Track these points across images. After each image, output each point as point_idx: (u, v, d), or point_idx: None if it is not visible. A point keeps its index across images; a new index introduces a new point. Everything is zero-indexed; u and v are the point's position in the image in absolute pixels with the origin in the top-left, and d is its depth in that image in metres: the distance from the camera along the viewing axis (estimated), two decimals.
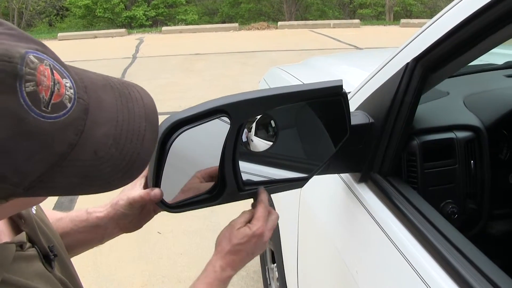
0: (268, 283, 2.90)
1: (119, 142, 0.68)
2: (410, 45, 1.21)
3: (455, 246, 0.99)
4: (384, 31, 16.71)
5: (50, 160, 0.62)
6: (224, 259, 1.03)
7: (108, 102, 0.70)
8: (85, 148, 0.65)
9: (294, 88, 1.08)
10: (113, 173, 0.68)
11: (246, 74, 9.71)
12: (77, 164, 0.65)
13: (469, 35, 1.03)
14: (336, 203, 1.48)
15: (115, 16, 21.52)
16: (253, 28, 18.02)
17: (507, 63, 1.99)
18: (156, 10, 21.92)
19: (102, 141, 0.67)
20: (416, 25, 16.96)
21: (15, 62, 0.58)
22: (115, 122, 0.69)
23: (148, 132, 0.72)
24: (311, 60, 3.32)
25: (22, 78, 0.58)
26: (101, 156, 0.67)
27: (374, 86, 1.33)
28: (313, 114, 1.14)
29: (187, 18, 21.99)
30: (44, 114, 0.60)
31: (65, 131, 0.62)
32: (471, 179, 1.40)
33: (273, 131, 1.12)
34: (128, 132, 0.70)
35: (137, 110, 0.72)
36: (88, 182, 0.67)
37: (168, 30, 18.10)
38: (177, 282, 3.28)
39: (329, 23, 18.43)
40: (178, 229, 3.86)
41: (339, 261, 1.39)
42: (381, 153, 1.27)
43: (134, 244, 3.66)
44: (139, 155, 0.70)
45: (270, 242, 2.68)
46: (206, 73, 10.08)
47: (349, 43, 13.46)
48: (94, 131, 0.66)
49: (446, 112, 1.49)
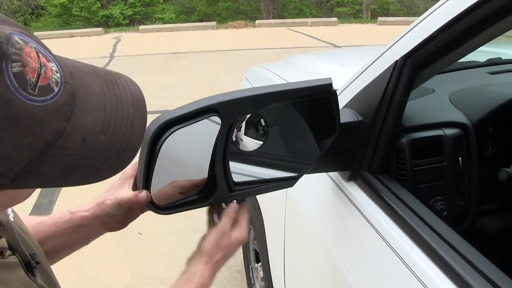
0: (252, 283, 2.89)
1: (108, 129, 0.67)
2: (399, 42, 1.21)
3: (448, 242, 0.99)
4: (362, 29, 16.80)
5: (38, 148, 0.60)
6: (214, 267, 0.99)
7: (95, 89, 0.68)
8: (73, 136, 0.63)
9: (284, 86, 1.07)
10: (102, 162, 0.67)
11: (225, 73, 9.67)
12: (65, 153, 0.63)
13: (459, 33, 1.03)
14: (325, 202, 1.47)
15: (92, 15, 21.35)
16: (231, 26, 17.98)
17: (489, 60, 2.01)
18: (133, 9, 21.79)
19: (90, 128, 0.65)
20: (394, 23, 17.12)
21: (0, 41, 0.55)
22: (103, 108, 0.67)
23: (137, 118, 0.70)
24: (292, 58, 3.31)
25: (8, 57, 0.56)
26: (89, 144, 0.65)
27: (362, 84, 1.32)
28: (302, 112, 1.12)
29: (165, 17, 21.92)
30: (31, 97, 0.57)
31: (53, 116, 0.60)
32: (460, 175, 1.40)
33: (263, 130, 1.10)
34: (117, 119, 0.68)
35: (124, 97, 0.70)
36: (77, 172, 0.65)
37: (146, 29, 17.97)
38: (160, 283, 3.24)
39: (307, 21, 18.48)
40: (160, 230, 3.82)
41: (329, 260, 1.38)
42: (370, 151, 1.27)
43: (116, 245, 3.62)
44: (128, 143, 0.69)
45: (254, 241, 2.67)
46: (185, 72, 10.02)
47: (327, 41, 13.49)
48: (82, 118, 0.64)
49: (433, 109, 1.50)
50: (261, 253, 2.43)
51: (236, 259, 3.44)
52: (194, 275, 0.95)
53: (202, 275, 0.96)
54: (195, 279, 0.95)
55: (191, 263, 0.98)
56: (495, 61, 2.00)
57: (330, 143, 1.16)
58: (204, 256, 0.97)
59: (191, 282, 0.94)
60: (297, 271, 1.80)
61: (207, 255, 0.98)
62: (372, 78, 1.28)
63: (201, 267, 0.96)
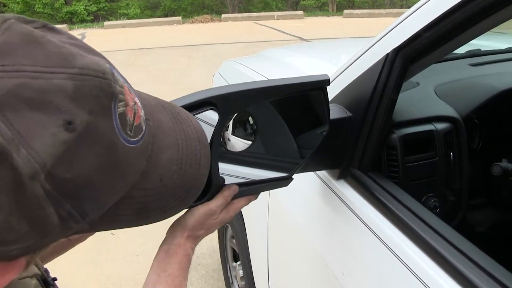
0: (230, 282, 2.85)
1: (181, 168, 0.63)
2: (389, 35, 1.17)
3: (445, 237, 0.97)
4: (328, 21, 16.86)
5: (123, 190, 0.55)
6: (194, 242, 0.95)
7: (166, 124, 0.64)
8: (152, 176, 0.59)
9: (281, 81, 1.04)
10: (171, 201, 0.63)
11: (193, 68, 9.60)
12: (144, 194, 0.59)
13: (454, 25, 1.00)
14: (313, 201, 1.43)
15: (55, 11, 20.94)
16: (197, 21, 17.87)
17: (469, 52, 1.99)
18: (97, 5, 21.46)
19: (166, 167, 0.61)
20: (359, 15, 17.27)
21: (109, 78, 0.50)
22: (176, 146, 0.63)
23: (203, 155, 0.67)
24: (265, 52, 3.26)
25: (116, 97, 0.51)
26: (166, 184, 0.61)
27: (350, 78, 1.28)
28: (289, 110, 1.09)
29: (129, 12, 21.67)
30: (129, 139, 0.53)
31: (140, 157, 0.56)
32: (451, 171, 1.37)
33: (251, 129, 1.06)
34: (188, 157, 0.64)
35: (191, 132, 0.67)
36: (146, 214, 0.61)
37: (111, 25, 17.74)
38: (134, 284, 3.16)
39: (273, 14, 18.47)
40: (133, 229, 3.71)
41: (320, 262, 1.34)
42: (360, 148, 1.23)
43: (88, 247, 3.50)
44: (196, 181, 0.66)
45: (232, 240, 2.63)
46: (152, 68, 9.90)
47: (294, 35, 13.50)
48: (160, 157, 0.60)
49: (421, 103, 1.47)
50: (241, 252, 2.39)
51: (213, 258, 3.40)
52: (179, 248, 0.92)
53: (186, 248, 0.92)
54: (180, 251, 0.91)
55: (174, 235, 0.94)
56: (475, 52, 1.98)
57: (320, 141, 1.12)
58: (188, 230, 0.94)
59: (176, 255, 0.91)
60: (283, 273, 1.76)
61: (190, 230, 0.94)
62: (361, 71, 1.24)
63: (183, 241, 0.93)
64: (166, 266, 0.89)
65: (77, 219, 0.51)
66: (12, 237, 0.47)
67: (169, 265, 0.89)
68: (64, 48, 0.49)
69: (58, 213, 0.48)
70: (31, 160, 0.44)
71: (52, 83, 0.46)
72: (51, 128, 0.45)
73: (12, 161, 0.43)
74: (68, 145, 0.47)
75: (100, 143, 0.49)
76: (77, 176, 0.48)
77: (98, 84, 0.49)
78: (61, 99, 0.46)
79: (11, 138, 0.43)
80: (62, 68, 0.48)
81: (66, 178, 0.47)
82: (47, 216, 0.48)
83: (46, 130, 0.45)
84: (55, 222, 0.49)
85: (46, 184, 0.46)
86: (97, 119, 0.49)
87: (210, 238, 3.53)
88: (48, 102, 0.46)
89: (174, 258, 0.90)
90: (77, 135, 0.47)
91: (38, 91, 0.45)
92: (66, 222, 0.50)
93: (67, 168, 0.47)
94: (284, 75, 1.10)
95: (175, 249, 0.91)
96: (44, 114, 0.45)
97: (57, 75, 0.47)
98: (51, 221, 0.48)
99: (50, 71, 0.47)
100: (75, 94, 0.47)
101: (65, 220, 0.50)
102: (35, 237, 0.49)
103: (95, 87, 0.49)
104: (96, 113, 0.49)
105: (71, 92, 0.47)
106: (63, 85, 0.47)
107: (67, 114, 0.46)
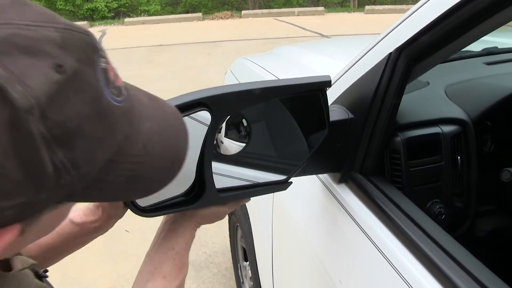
0: (241, 281, 2.84)
1: (163, 139, 0.65)
2: (392, 33, 1.12)
3: (444, 249, 0.92)
4: (349, 18, 16.71)
5: (110, 151, 0.57)
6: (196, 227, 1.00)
7: (144, 100, 0.67)
8: (135, 142, 0.61)
9: (279, 82, 1.03)
10: (156, 173, 0.65)
11: (211, 65, 9.58)
12: (129, 160, 0.60)
13: (460, 23, 0.95)
14: (314, 205, 1.38)
15: (76, 8, 21.13)
16: (217, 17, 17.86)
17: (485, 49, 1.93)
18: (118, 2, 21.61)
19: (148, 135, 0.63)
20: (381, 11, 17.06)
21: (92, 36, 0.56)
22: (155, 118, 0.66)
23: (182, 130, 0.70)
24: (278, 50, 3.22)
25: (99, 52, 0.56)
26: (150, 152, 0.62)
27: (352, 78, 1.23)
28: (290, 110, 1.06)
29: (150, 9, 21.79)
30: (112, 96, 0.56)
31: (123, 119, 0.59)
32: (458, 176, 1.32)
33: (245, 131, 1.02)
34: (168, 129, 0.67)
35: (167, 109, 0.71)
36: (133, 185, 0.62)
37: (131, 22, 17.82)
38: None
39: (294, 11, 18.38)
40: (147, 226, 3.70)
41: (319, 268, 1.30)
42: (362, 151, 1.19)
43: (101, 244, 3.52)
44: (178, 153, 0.68)
45: (242, 239, 2.60)
46: (171, 65, 9.90)
47: (314, 31, 13.41)
48: (141, 125, 0.62)
49: (429, 104, 1.41)
50: (249, 252, 2.37)
51: (225, 256, 3.38)
52: (186, 230, 0.97)
53: (192, 231, 0.98)
54: (187, 233, 0.97)
55: (183, 218, 0.98)
56: (491, 50, 1.92)
57: (320, 143, 1.09)
58: (197, 217, 0.99)
59: (184, 236, 0.96)
60: (286, 276, 1.73)
61: (199, 218, 0.99)
62: (363, 71, 1.19)
63: (191, 225, 0.98)
64: (174, 244, 0.93)
65: (69, 170, 0.52)
66: (6, 187, 0.48)
67: (177, 244, 0.94)
68: (50, 11, 0.55)
69: (52, 161, 0.50)
70: (26, 94, 0.47)
71: (41, 33, 0.50)
72: (43, 69, 0.49)
73: (8, 95, 0.46)
74: (59, 86, 0.49)
75: (87, 91, 0.52)
76: (68, 120, 0.50)
77: (82, 38, 0.54)
78: (51, 46, 0.50)
79: (7, 77, 0.46)
80: (49, 23, 0.52)
81: (58, 121, 0.50)
82: (41, 162, 0.50)
83: (39, 71, 0.48)
84: (49, 171, 0.50)
85: (40, 125, 0.48)
86: (84, 68, 0.52)
87: (223, 236, 3.51)
88: (39, 49, 0.49)
89: (182, 238, 0.95)
90: (66, 78, 0.50)
91: (29, 39, 0.49)
92: (60, 173, 0.51)
93: (58, 109, 0.50)
94: (294, 74, 1.08)
95: (183, 230, 0.96)
96: (36, 59, 0.49)
97: (46, 28, 0.51)
98: (45, 169, 0.50)
99: (39, 25, 0.51)
100: (63, 44, 0.51)
101: (58, 170, 0.51)
102: (30, 192, 0.50)
103: (80, 39, 0.54)
104: (82, 62, 0.52)
105: (59, 42, 0.51)
106: (52, 35, 0.51)
107: (57, 59, 0.50)
